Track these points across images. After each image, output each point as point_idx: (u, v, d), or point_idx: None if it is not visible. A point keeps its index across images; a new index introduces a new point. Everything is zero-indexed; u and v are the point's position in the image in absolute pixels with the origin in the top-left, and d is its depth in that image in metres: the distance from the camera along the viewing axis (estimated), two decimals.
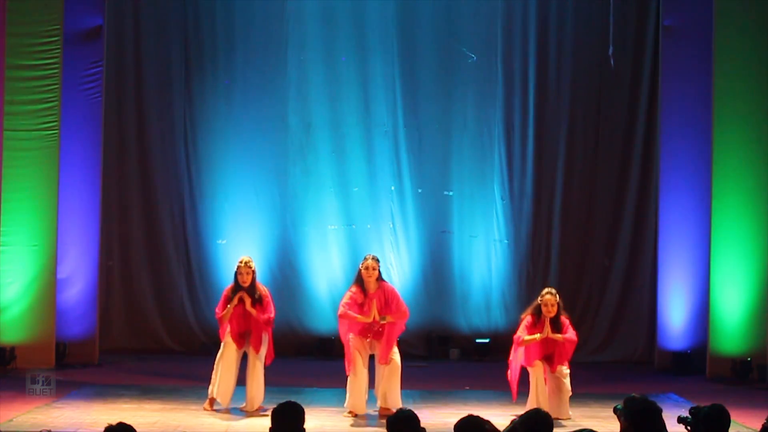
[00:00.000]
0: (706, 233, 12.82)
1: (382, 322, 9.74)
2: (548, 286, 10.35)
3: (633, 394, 5.21)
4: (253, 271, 10.00)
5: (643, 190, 14.19)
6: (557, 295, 9.88)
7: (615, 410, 5.38)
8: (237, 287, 9.97)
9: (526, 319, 9.90)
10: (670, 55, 13.37)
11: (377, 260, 9.95)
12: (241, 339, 9.98)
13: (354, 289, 9.87)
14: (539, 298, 9.92)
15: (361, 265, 9.92)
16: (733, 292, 12.51)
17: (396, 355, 9.79)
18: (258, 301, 9.93)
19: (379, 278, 9.90)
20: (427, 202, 14.31)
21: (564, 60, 14.29)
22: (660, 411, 5.07)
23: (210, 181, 14.28)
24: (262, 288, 10.12)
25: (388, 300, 9.83)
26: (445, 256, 14.32)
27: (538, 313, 9.86)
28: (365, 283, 9.83)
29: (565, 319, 9.95)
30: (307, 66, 14.28)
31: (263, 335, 9.99)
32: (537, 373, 9.79)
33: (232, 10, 14.28)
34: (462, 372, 13.20)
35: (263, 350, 9.98)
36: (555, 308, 9.80)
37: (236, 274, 9.98)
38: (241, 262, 9.99)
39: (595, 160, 14.38)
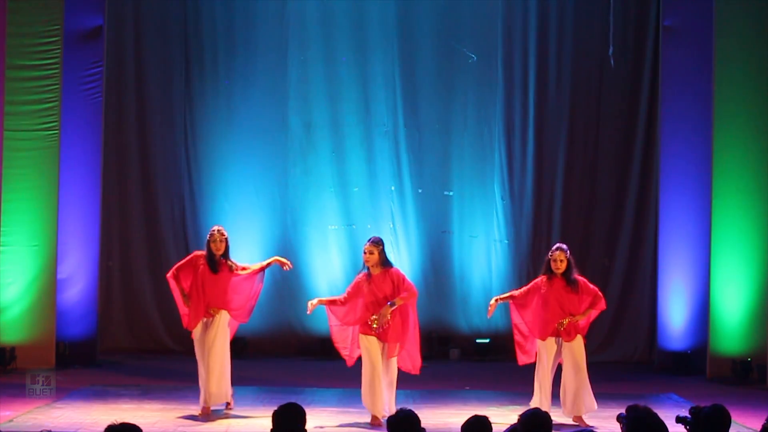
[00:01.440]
0: (706, 233, 12.81)
1: (392, 307, 9.30)
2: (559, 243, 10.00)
3: (637, 404, 5.13)
4: (227, 240, 9.73)
5: (643, 190, 14.20)
6: (568, 251, 9.58)
7: (618, 418, 5.34)
8: (210, 256, 9.69)
9: (540, 279, 9.61)
10: (670, 55, 13.37)
11: (375, 243, 9.46)
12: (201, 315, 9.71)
13: (360, 274, 9.53)
14: (549, 254, 9.67)
15: None
16: (733, 292, 12.50)
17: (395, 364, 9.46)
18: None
19: (385, 263, 9.47)
20: (427, 202, 14.32)
21: (564, 60, 14.29)
22: (662, 426, 4.96)
23: (210, 181, 14.28)
24: (236, 263, 9.85)
25: (395, 284, 9.41)
26: (446, 256, 14.32)
27: (549, 271, 9.58)
28: (369, 268, 9.46)
29: (581, 278, 9.64)
30: (308, 66, 14.28)
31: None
32: (549, 351, 9.55)
33: (232, 10, 14.29)
34: (462, 372, 13.20)
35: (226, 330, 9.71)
36: (564, 264, 9.50)
37: (209, 242, 9.71)
38: (214, 230, 9.76)
39: (595, 160, 14.38)
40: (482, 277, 14.30)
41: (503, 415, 9.27)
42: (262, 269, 9.92)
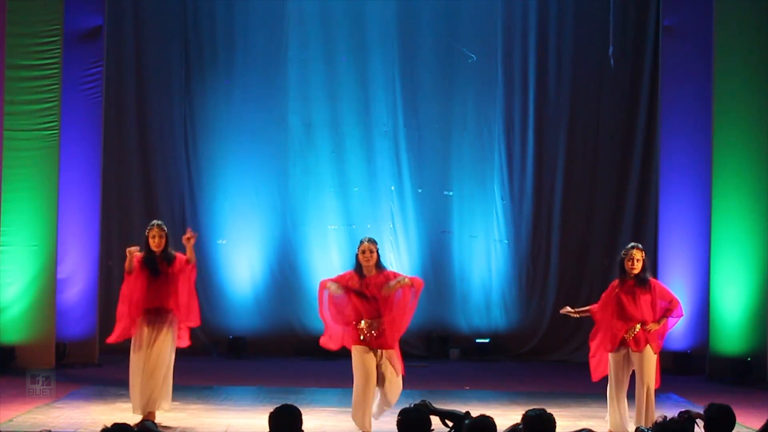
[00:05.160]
0: (706, 233, 12.82)
1: (393, 287, 8.47)
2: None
3: (659, 418, 5.05)
4: (167, 235, 8.97)
5: (643, 190, 14.20)
6: (644, 251, 8.78)
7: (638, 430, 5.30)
8: (148, 253, 8.92)
9: (610, 286, 8.79)
10: (670, 55, 13.37)
11: (374, 242, 8.65)
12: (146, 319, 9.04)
13: (348, 273, 8.68)
14: (622, 253, 8.73)
15: (357, 249, 8.63)
16: (733, 292, 12.50)
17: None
18: (170, 263, 8.93)
19: (379, 265, 8.64)
20: (427, 202, 14.32)
21: (564, 60, 14.30)
22: None
23: (210, 181, 14.28)
24: (182, 256, 9.03)
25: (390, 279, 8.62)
26: (445, 256, 14.32)
27: (622, 272, 8.70)
28: (363, 269, 8.60)
29: (654, 280, 8.88)
30: (307, 66, 14.29)
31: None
32: (617, 364, 8.75)
33: (232, 10, 14.29)
34: (462, 372, 13.20)
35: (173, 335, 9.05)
36: (641, 264, 8.67)
37: (147, 238, 8.95)
38: (152, 225, 9.01)
39: (595, 160, 14.39)
40: (482, 277, 14.30)
41: (504, 416, 9.26)
42: (189, 260, 9.08)
